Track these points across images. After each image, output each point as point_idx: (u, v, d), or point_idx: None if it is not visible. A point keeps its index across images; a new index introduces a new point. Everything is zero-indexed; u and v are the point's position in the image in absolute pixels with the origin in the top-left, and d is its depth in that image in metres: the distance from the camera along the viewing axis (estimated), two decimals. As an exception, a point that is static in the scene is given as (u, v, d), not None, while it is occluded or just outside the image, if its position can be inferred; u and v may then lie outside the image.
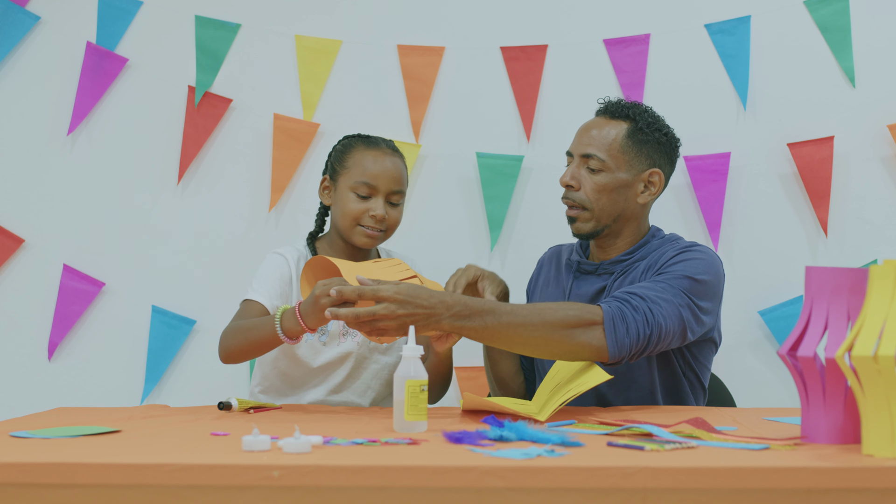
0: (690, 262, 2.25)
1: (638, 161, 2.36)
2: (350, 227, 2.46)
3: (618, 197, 2.36)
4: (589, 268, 2.42)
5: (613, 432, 1.78)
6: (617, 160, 2.35)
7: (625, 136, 2.36)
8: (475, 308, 2.03)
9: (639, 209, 2.39)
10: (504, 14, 2.98)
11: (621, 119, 2.38)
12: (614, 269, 2.39)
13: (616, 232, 2.40)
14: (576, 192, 2.37)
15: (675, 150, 2.43)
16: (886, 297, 1.56)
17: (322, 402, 2.48)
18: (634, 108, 2.40)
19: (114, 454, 1.56)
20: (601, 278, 2.40)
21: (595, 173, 2.35)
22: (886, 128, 2.87)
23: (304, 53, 2.98)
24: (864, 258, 2.87)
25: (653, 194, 2.38)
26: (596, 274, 2.41)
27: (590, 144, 2.36)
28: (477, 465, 1.44)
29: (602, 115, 2.42)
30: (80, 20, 2.98)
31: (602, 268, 2.40)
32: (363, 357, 2.49)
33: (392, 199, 2.47)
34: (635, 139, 2.36)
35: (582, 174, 2.36)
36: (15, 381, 2.98)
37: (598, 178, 2.35)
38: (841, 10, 2.89)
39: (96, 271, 2.98)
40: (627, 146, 2.36)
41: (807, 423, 1.69)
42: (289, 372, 2.49)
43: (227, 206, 2.99)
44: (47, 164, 2.99)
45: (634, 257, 2.38)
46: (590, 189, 2.35)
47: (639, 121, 2.37)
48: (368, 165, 2.46)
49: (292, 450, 1.54)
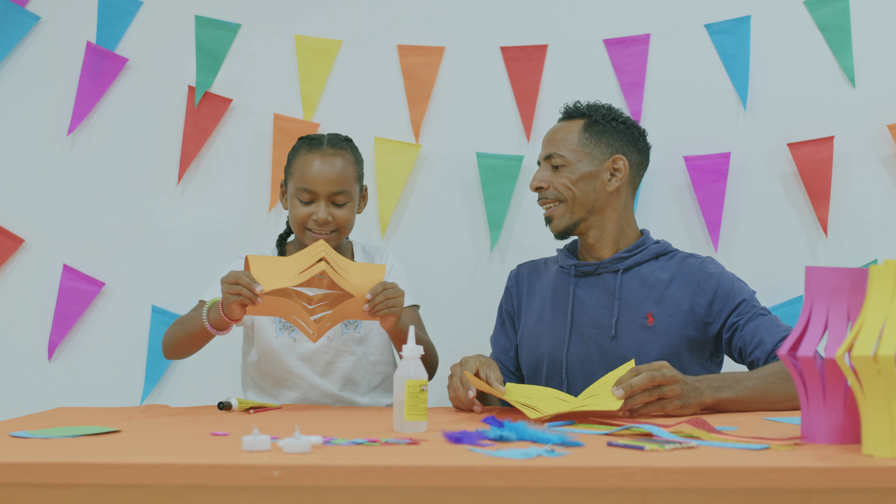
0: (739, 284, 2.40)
1: (599, 151, 2.45)
2: (300, 233, 2.49)
3: (586, 187, 2.43)
4: (588, 268, 2.43)
5: (613, 432, 1.78)
6: (577, 154, 2.44)
7: (581, 130, 2.46)
8: (721, 379, 2.11)
9: (611, 198, 2.45)
10: (504, 14, 2.98)
11: (576, 118, 2.49)
12: (617, 268, 2.41)
13: (595, 224, 2.44)
14: (547, 192, 2.45)
15: (638, 136, 2.51)
16: (886, 297, 1.56)
17: (304, 400, 2.49)
18: (589, 105, 2.51)
19: (114, 454, 1.56)
20: (602, 279, 2.41)
21: (559, 170, 2.44)
22: (886, 128, 2.87)
23: (304, 53, 2.98)
24: (864, 258, 2.87)
25: (620, 180, 2.45)
26: (596, 274, 2.42)
27: (552, 146, 2.47)
28: (477, 465, 1.44)
29: (561, 120, 2.52)
30: (80, 20, 2.98)
31: (602, 266, 2.41)
32: (338, 350, 2.48)
33: (336, 199, 2.47)
34: (592, 131, 2.45)
35: (549, 176, 2.45)
36: (15, 381, 2.98)
37: (564, 172, 2.44)
38: (841, 10, 2.89)
39: (96, 271, 2.98)
40: (585, 139, 2.45)
41: (807, 423, 1.69)
42: (269, 372, 2.50)
43: (227, 206, 2.99)
44: (47, 164, 2.99)
45: (634, 257, 2.40)
46: (559, 184, 2.44)
47: (593, 114, 2.47)
48: (306, 170, 2.47)
49: (292, 450, 1.54)
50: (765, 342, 2.28)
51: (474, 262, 2.98)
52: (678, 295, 2.38)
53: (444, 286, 2.96)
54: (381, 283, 2.20)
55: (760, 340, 2.30)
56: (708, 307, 2.37)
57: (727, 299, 2.36)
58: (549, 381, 2.43)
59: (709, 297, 2.37)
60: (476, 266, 2.98)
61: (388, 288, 2.19)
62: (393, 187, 2.95)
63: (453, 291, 2.96)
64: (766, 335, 2.29)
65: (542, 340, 2.45)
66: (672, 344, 2.36)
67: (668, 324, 2.37)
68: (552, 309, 2.46)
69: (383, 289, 2.19)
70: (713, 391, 2.08)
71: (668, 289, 2.39)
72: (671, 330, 2.36)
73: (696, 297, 2.38)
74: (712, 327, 2.37)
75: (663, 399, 2.00)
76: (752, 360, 2.30)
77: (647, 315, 2.38)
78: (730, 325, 2.36)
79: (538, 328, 2.47)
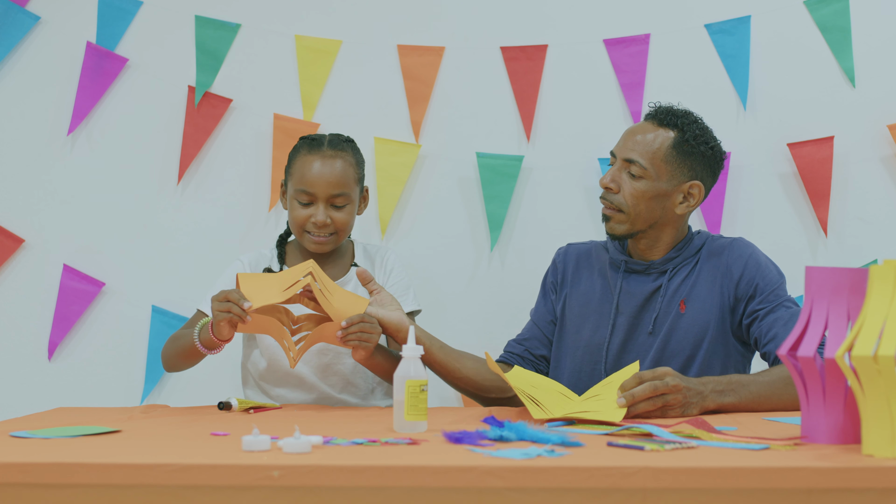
0: (766, 270, 2.37)
1: (680, 172, 2.37)
2: (299, 234, 2.49)
3: (655, 205, 2.37)
4: (638, 267, 2.43)
5: (613, 432, 1.78)
6: (659, 169, 2.36)
7: (670, 145, 2.36)
8: (725, 382, 2.10)
9: (675, 218, 2.40)
10: (504, 14, 2.98)
11: (669, 127, 2.38)
12: (666, 268, 2.41)
13: (651, 237, 2.42)
14: (614, 195, 2.38)
15: (719, 163, 2.44)
16: (886, 297, 1.56)
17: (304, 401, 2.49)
18: (684, 116, 2.40)
19: (114, 454, 1.56)
20: (651, 277, 2.41)
21: (635, 179, 2.36)
22: (886, 128, 2.87)
23: (304, 53, 2.98)
24: (864, 258, 2.87)
25: (691, 206, 2.40)
26: (646, 273, 2.42)
27: (633, 149, 2.37)
28: (477, 465, 1.44)
29: (650, 119, 2.42)
30: (80, 20, 2.98)
31: (652, 267, 2.41)
32: (338, 353, 2.48)
33: (335, 202, 2.46)
34: (680, 150, 2.37)
35: (622, 178, 2.38)
36: (15, 381, 2.97)
37: (638, 184, 2.36)
38: (841, 10, 2.89)
39: (96, 271, 2.97)
40: (671, 156, 2.36)
41: (807, 423, 1.69)
42: (270, 373, 2.50)
43: (227, 206, 2.99)
44: (47, 164, 2.99)
45: (683, 255, 2.41)
46: (628, 194, 2.37)
47: (686, 131, 2.37)
48: (306, 172, 2.46)
49: (292, 450, 1.54)
50: (778, 337, 2.27)
51: (474, 262, 2.97)
52: (707, 279, 2.38)
53: (443, 286, 2.96)
54: (360, 314, 2.22)
55: (775, 335, 2.28)
56: (734, 290, 2.36)
57: (752, 284, 2.35)
58: (583, 365, 2.42)
59: (735, 279, 2.35)
60: (476, 266, 2.98)
61: (364, 321, 2.22)
62: (393, 187, 2.95)
63: (453, 291, 2.96)
64: (781, 330, 2.28)
65: (584, 326, 2.44)
66: (703, 329, 2.35)
67: (700, 309, 2.36)
68: (600, 298, 2.45)
69: (360, 320, 2.21)
70: (717, 395, 2.08)
71: (699, 275, 2.38)
72: (702, 316, 2.35)
73: (724, 279, 2.36)
74: (737, 312, 2.36)
75: (666, 406, 2.01)
76: (765, 353, 2.30)
77: (680, 302, 2.37)
78: (750, 312, 2.34)
79: (583, 312, 2.46)
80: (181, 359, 2.40)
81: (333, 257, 2.55)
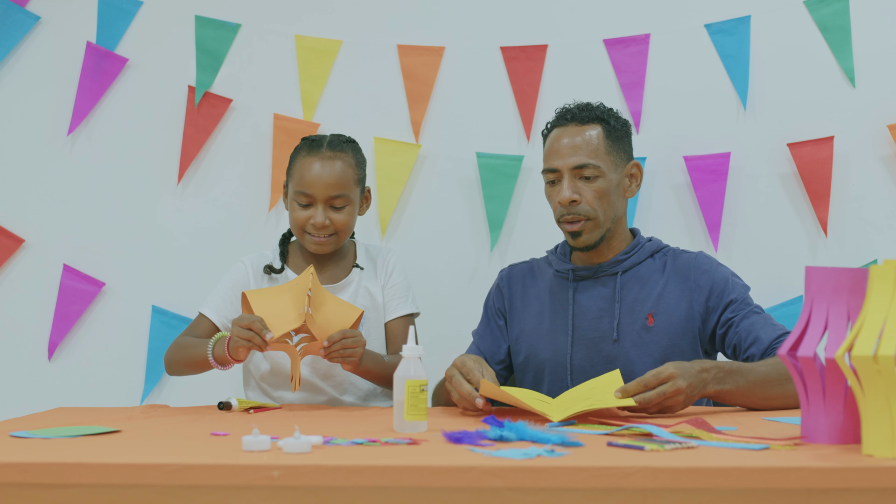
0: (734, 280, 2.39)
1: (620, 158, 2.42)
2: (299, 235, 2.49)
3: (615, 198, 2.40)
4: (586, 272, 2.42)
5: (613, 432, 1.78)
6: (607, 163, 2.39)
7: (604, 137, 2.40)
8: (726, 369, 2.10)
9: (625, 206, 2.45)
10: (504, 14, 2.98)
11: (592, 122, 2.41)
12: (616, 270, 2.41)
13: (615, 232, 2.43)
14: (579, 206, 2.37)
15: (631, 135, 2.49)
16: (886, 297, 1.56)
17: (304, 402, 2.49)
18: (597, 108, 2.43)
19: (114, 454, 1.56)
20: (600, 282, 2.41)
21: (592, 181, 2.37)
22: (886, 128, 2.87)
23: (304, 53, 2.98)
24: (864, 258, 2.87)
25: (638, 185, 2.45)
26: (595, 278, 2.42)
27: (577, 154, 2.38)
28: (477, 465, 1.44)
29: (572, 123, 2.42)
30: (80, 20, 2.98)
31: (601, 270, 2.41)
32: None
33: (334, 203, 2.46)
34: (612, 137, 2.41)
35: (579, 186, 2.38)
36: (15, 381, 2.98)
37: (597, 185, 2.37)
38: (841, 10, 2.89)
39: (96, 271, 2.98)
40: (609, 146, 2.40)
41: (807, 423, 1.69)
42: (271, 374, 2.50)
43: (227, 206, 2.99)
44: (47, 164, 2.99)
45: (632, 258, 2.40)
46: (591, 198, 2.37)
47: (608, 120, 2.41)
48: (305, 173, 2.46)
49: (292, 450, 1.54)
50: (761, 339, 2.29)
51: (474, 262, 2.98)
52: (675, 293, 2.38)
53: (444, 286, 2.96)
54: (342, 331, 2.23)
55: (757, 337, 2.30)
56: (705, 303, 2.37)
57: (722, 295, 2.36)
58: (551, 386, 2.41)
59: (705, 293, 2.37)
60: (476, 266, 2.98)
61: (346, 337, 2.23)
62: (393, 187, 2.95)
63: (453, 291, 2.96)
64: (762, 333, 2.30)
65: (542, 346, 2.43)
66: (673, 343, 2.36)
67: (668, 323, 2.37)
68: (551, 314, 2.44)
69: (342, 337, 2.23)
70: (716, 383, 2.08)
71: (665, 288, 2.39)
72: (671, 329, 2.36)
73: (693, 294, 2.38)
74: (708, 323, 2.38)
75: (668, 405, 2.02)
76: (748, 357, 2.31)
77: (647, 315, 2.38)
78: (724, 321, 2.36)
79: (537, 333, 2.45)
80: (188, 367, 2.44)
81: (335, 258, 2.55)
